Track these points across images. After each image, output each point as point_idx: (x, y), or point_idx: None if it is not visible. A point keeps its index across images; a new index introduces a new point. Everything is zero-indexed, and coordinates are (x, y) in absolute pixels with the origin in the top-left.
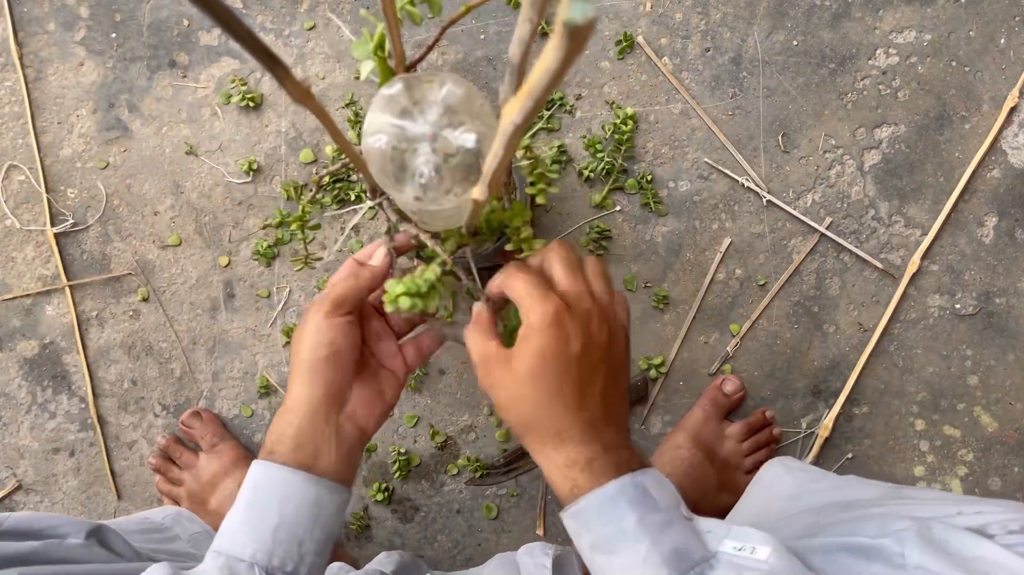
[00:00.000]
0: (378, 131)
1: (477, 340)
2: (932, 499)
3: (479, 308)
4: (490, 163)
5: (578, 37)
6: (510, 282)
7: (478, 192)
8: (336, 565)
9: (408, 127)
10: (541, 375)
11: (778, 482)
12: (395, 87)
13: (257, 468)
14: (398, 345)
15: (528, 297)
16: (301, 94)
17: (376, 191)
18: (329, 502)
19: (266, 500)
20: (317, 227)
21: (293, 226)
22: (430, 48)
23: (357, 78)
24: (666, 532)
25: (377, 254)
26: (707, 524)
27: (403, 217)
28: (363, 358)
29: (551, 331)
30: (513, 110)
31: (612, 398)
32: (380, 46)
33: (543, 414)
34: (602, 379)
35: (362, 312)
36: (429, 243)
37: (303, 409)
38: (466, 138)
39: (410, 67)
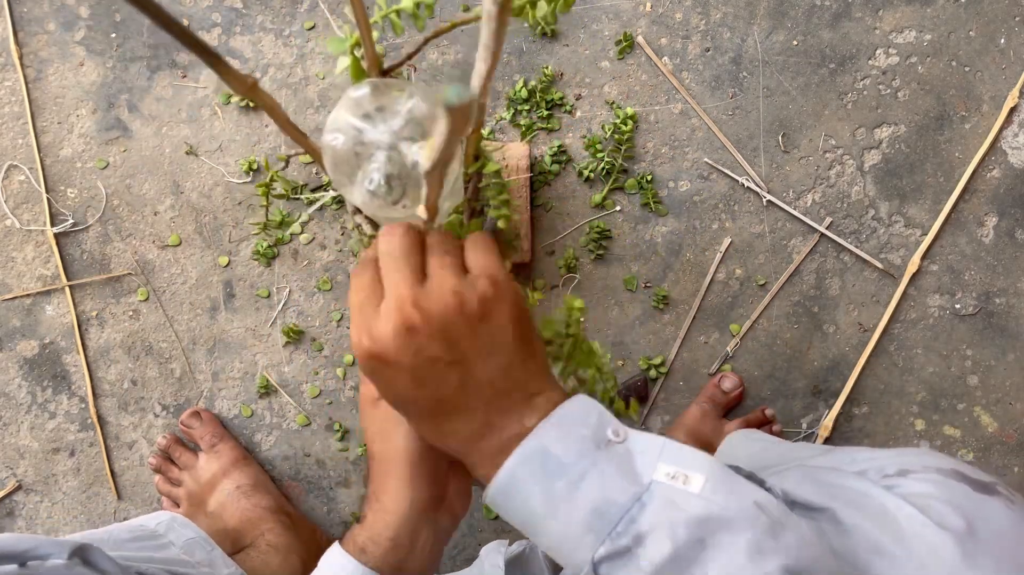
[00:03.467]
0: (337, 130)
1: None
2: (844, 451)
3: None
4: (423, 195)
5: (457, 114)
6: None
7: (422, 212)
8: None
9: (367, 132)
10: (398, 408)
11: (739, 448)
12: (362, 90)
13: (345, 562)
14: None
15: (352, 323)
16: (246, 88)
17: None
18: None
19: None
20: (283, 196)
21: (259, 191)
22: (410, 57)
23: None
24: (578, 493)
25: None
26: (641, 442)
27: (359, 209)
28: None
29: (372, 377)
30: (424, 158)
31: (493, 387)
32: (358, 44)
33: (441, 444)
34: (458, 386)
35: None
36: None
37: (405, 510)
38: (419, 154)
39: (386, 71)
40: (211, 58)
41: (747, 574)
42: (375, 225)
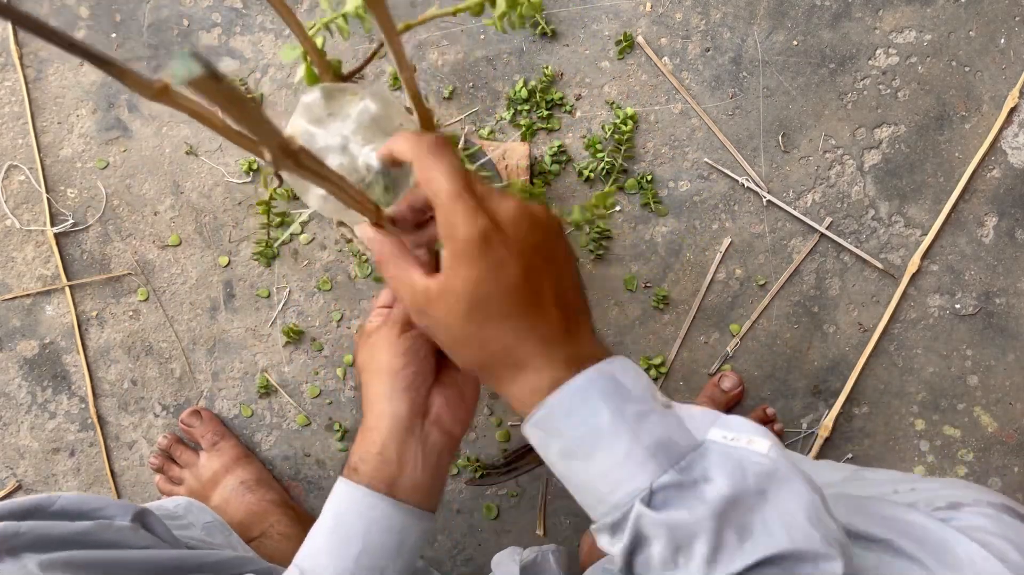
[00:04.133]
0: (292, 135)
1: (398, 277)
2: (881, 480)
3: (377, 237)
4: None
5: (204, 88)
6: (432, 185)
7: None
8: None
9: (318, 136)
10: (483, 308)
11: None
12: (313, 95)
13: (342, 488)
14: None
15: (451, 210)
16: (155, 93)
17: None
18: (413, 531)
19: (351, 526)
20: (280, 218)
21: (260, 210)
22: (367, 62)
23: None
24: (646, 422)
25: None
26: (690, 411)
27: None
28: (437, 363)
29: (483, 255)
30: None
31: (565, 304)
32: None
33: (495, 350)
34: (551, 290)
35: None
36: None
37: (387, 424)
38: (371, 156)
39: (346, 76)
40: (110, 67)
41: (803, 530)
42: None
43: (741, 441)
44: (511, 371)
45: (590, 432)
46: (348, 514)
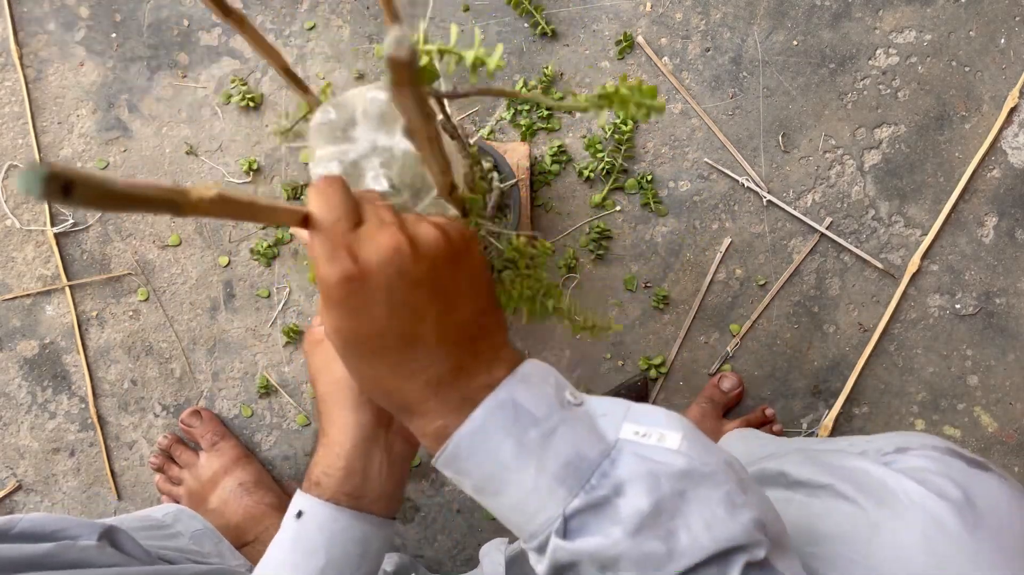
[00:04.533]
0: (324, 162)
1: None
2: (843, 439)
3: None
4: (431, 177)
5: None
6: (310, 219)
7: (443, 191)
8: None
9: (350, 151)
10: (353, 350)
11: (736, 446)
12: (319, 117)
13: (303, 502)
14: None
15: (314, 251)
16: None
17: None
18: (376, 538)
19: (312, 540)
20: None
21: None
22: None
23: (359, 78)
24: (551, 445)
25: None
26: (601, 406)
27: None
28: None
29: (343, 299)
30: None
31: (457, 338)
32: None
33: (382, 390)
34: (433, 328)
35: None
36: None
37: (352, 435)
38: (403, 141)
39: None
40: None
41: (725, 525)
42: None
43: (652, 438)
44: (405, 414)
45: (496, 468)
46: (310, 528)
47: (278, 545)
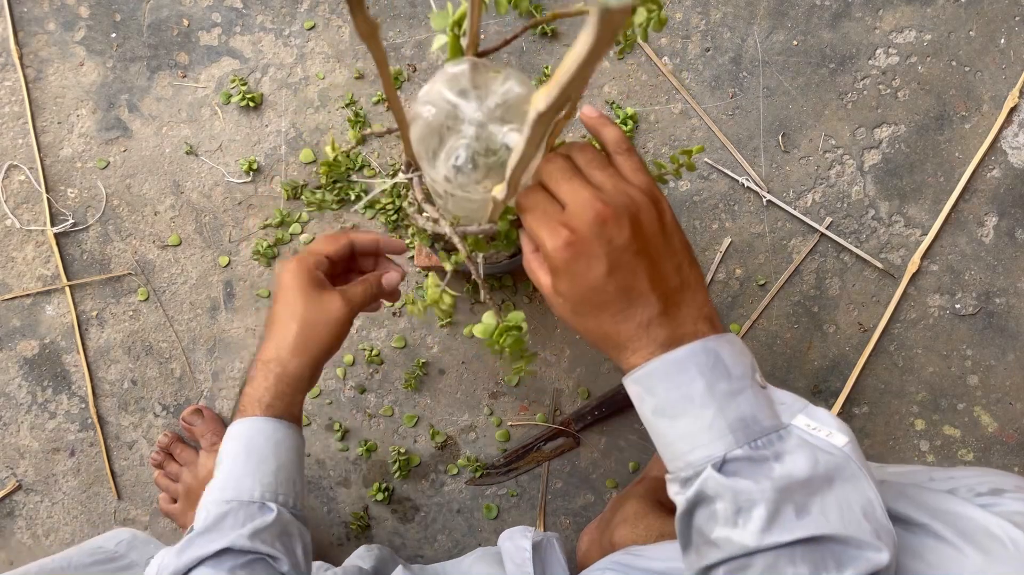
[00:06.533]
0: (430, 101)
1: (535, 275)
2: (905, 471)
3: (527, 240)
4: (513, 159)
5: (610, 23)
6: (524, 216)
7: (500, 190)
8: (317, 563)
9: (461, 107)
10: (580, 307)
11: None
12: (461, 65)
13: (253, 423)
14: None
15: (534, 228)
16: (368, 30)
17: (410, 166)
18: (303, 445)
19: (262, 449)
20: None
21: (292, 228)
22: (507, 42)
23: (359, 77)
24: (735, 400)
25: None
26: (782, 396)
27: (428, 198)
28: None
29: (568, 265)
30: (539, 97)
31: (664, 287)
32: (458, 23)
33: (600, 335)
34: (645, 278)
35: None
36: (448, 231)
37: (294, 371)
38: (510, 137)
39: (481, 54)
40: None
41: (856, 521)
42: (446, 246)
43: (822, 432)
44: (616, 351)
45: (682, 397)
46: (257, 440)
47: (229, 460)
